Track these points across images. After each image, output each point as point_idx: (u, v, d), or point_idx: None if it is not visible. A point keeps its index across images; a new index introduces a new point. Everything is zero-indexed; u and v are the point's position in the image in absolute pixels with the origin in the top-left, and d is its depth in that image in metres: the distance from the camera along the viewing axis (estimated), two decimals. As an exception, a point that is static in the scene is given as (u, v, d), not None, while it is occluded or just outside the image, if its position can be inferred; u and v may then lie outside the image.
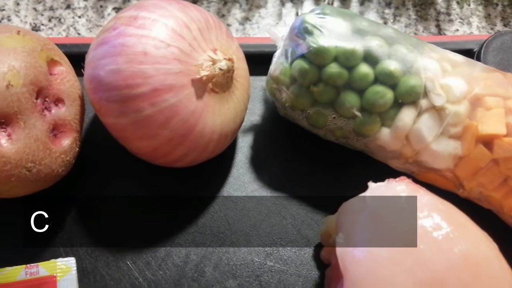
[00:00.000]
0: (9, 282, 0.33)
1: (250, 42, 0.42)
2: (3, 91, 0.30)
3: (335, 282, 0.32)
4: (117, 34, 0.31)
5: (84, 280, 0.34)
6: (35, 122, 0.31)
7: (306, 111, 0.35)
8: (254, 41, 0.42)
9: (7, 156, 0.30)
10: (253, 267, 0.35)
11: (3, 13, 0.44)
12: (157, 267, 0.35)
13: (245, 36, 0.45)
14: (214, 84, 0.32)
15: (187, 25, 0.32)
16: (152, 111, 0.31)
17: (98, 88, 0.31)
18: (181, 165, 0.34)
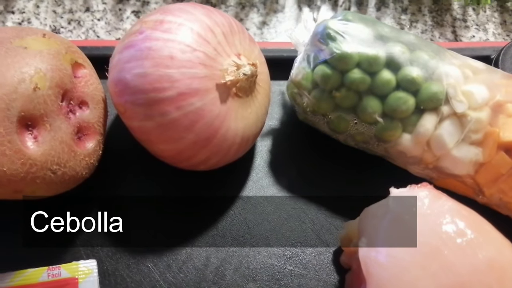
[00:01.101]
0: (32, 283, 0.33)
1: (268, 47, 0.42)
2: (30, 93, 0.30)
3: (356, 286, 0.32)
4: (143, 38, 0.31)
5: (105, 282, 0.34)
6: (61, 124, 0.31)
7: (328, 116, 0.35)
8: (272, 46, 0.42)
9: (33, 158, 0.30)
10: (273, 270, 0.35)
11: (23, 16, 0.44)
12: (177, 269, 0.35)
13: (262, 41, 0.45)
14: (238, 89, 0.33)
15: (212, 29, 0.32)
16: (178, 115, 0.31)
17: (124, 91, 0.31)
18: (204, 168, 0.34)
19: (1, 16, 0.44)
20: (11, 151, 0.29)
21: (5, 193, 0.31)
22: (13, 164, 0.29)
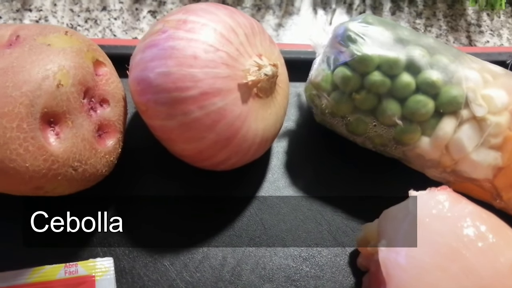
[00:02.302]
0: (49, 280, 0.33)
1: (284, 49, 0.42)
2: (54, 90, 0.30)
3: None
4: (166, 37, 0.31)
5: (122, 280, 0.34)
6: (82, 122, 0.32)
7: (346, 118, 0.36)
8: (288, 47, 0.42)
9: (55, 155, 0.30)
10: (289, 271, 0.35)
11: (41, 14, 0.45)
12: (194, 269, 0.35)
13: (278, 43, 0.45)
14: (259, 89, 0.33)
15: (234, 30, 0.33)
16: (200, 114, 0.31)
17: (147, 90, 0.31)
18: (223, 168, 0.34)
19: (19, 13, 0.44)
20: (34, 147, 0.29)
21: (27, 190, 0.31)
22: (35, 160, 0.30)
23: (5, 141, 0.29)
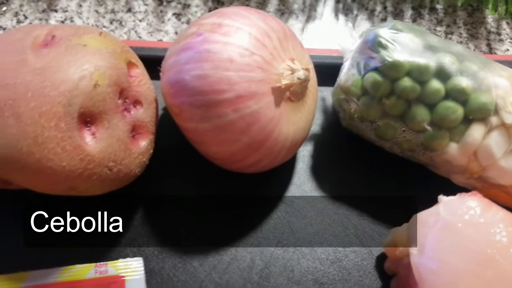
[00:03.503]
0: (79, 279, 0.33)
1: (309, 53, 0.42)
2: (91, 90, 0.30)
3: (404, 292, 0.33)
4: (202, 40, 0.32)
5: (152, 281, 0.34)
6: (118, 122, 0.32)
7: (375, 123, 0.36)
8: (313, 52, 0.43)
9: (92, 155, 0.30)
10: (317, 274, 0.35)
11: (66, 14, 0.45)
12: (223, 270, 0.35)
13: (302, 47, 0.46)
14: (291, 93, 0.33)
15: (268, 34, 0.33)
16: (235, 117, 0.31)
17: (181, 92, 0.32)
18: (253, 170, 0.35)
19: (45, 14, 0.45)
20: (71, 146, 0.30)
21: (61, 189, 0.31)
22: (72, 160, 0.30)
23: (43, 140, 0.29)
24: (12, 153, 0.29)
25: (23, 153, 0.29)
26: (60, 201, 0.34)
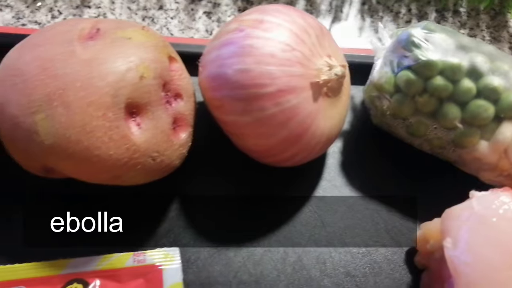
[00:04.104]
0: (118, 268, 0.34)
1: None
2: (137, 82, 0.31)
3: (437, 285, 0.33)
4: (244, 36, 0.33)
5: (188, 270, 0.35)
6: (161, 114, 0.33)
7: (407, 120, 0.37)
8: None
9: (138, 145, 0.31)
10: (348, 267, 0.36)
11: (99, 10, 0.46)
12: (257, 261, 0.36)
13: (329, 47, 0.47)
14: (328, 89, 0.34)
15: (307, 31, 0.34)
16: (275, 111, 0.32)
17: (223, 86, 0.33)
18: (289, 164, 0.35)
19: (78, 10, 0.46)
20: (118, 136, 0.30)
21: (106, 178, 0.32)
22: (119, 149, 0.30)
23: (91, 129, 0.30)
24: (61, 141, 0.30)
25: (71, 141, 0.30)
26: (94, 195, 0.35)
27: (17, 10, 0.45)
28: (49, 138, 0.30)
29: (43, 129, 0.30)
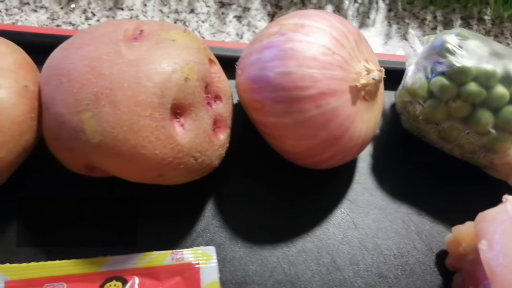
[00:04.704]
0: (157, 266, 0.34)
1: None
2: (182, 83, 0.32)
3: (470, 286, 0.34)
4: (286, 39, 0.33)
5: (225, 269, 0.36)
6: (203, 115, 0.33)
7: (440, 125, 0.37)
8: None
9: (182, 144, 0.32)
10: (381, 269, 0.37)
11: (132, 13, 0.46)
12: (291, 261, 0.36)
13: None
14: (366, 92, 0.35)
15: (346, 35, 0.34)
16: (316, 113, 0.33)
17: (265, 88, 0.33)
18: (325, 166, 0.36)
19: (111, 12, 0.46)
20: (164, 136, 0.31)
21: (150, 177, 0.32)
22: (164, 148, 0.31)
23: (139, 128, 0.30)
24: (108, 140, 0.31)
25: (118, 140, 0.30)
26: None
27: (52, 11, 0.46)
28: (95, 136, 0.31)
29: (90, 128, 0.31)
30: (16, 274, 0.33)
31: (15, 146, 0.32)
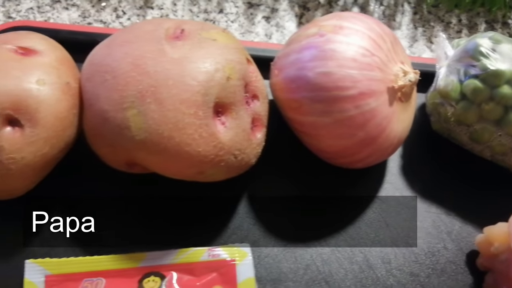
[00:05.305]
0: (194, 261, 0.35)
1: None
2: (225, 82, 0.32)
3: (504, 287, 0.35)
4: (325, 40, 0.34)
5: (260, 266, 0.36)
6: (243, 114, 0.34)
7: (472, 127, 0.38)
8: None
9: (223, 142, 0.32)
10: (412, 268, 0.37)
11: (162, 12, 0.47)
12: (325, 260, 0.37)
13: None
14: (402, 94, 0.35)
15: (383, 37, 0.35)
16: (355, 113, 0.33)
17: (303, 88, 0.34)
18: (359, 166, 0.37)
19: (142, 10, 0.47)
20: (207, 133, 0.32)
21: (191, 174, 0.33)
22: (207, 146, 0.32)
23: (183, 125, 0.31)
24: (153, 137, 0.31)
25: (163, 137, 0.31)
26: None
27: (83, 9, 0.46)
28: (141, 133, 0.31)
29: (135, 125, 0.31)
30: (56, 268, 0.34)
31: (58, 142, 0.33)
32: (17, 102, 0.31)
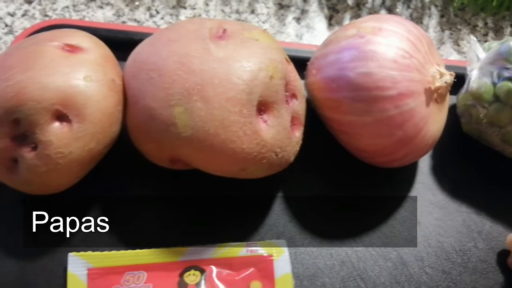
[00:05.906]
0: (232, 256, 0.36)
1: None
2: (268, 81, 0.33)
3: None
4: (366, 41, 0.35)
5: (296, 262, 0.37)
6: (284, 112, 0.34)
7: (504, 128, 0.39)
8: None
9: (265, 140, 0.33)
10: (444, 266, 0.38)
11: (194, 12, 0.48)
12: (359, 257, 0.37)
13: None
14: (438, 95, 0.36)
15: (421, 40, 0.36)
16: (395, 113, 0.34)
17: (344, 87, 0.34)
18: (396, 165, 0.37)
19: (175, 10, 0.47)
20: (251, 131, 0.32)
21: (233, 170, 0.34)
22: (250, 143, 0.32)
23: (229, 123, 0.32)
24: (199, 134, 0.32)
25: (210, 134, 0.32)
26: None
27: (117, 8, 0.47)
28: (187, 130, 0.32)
29: (182, 122, 0.32)
30: (98, 262, 0.35)
31: (104, 138, 0.33)
32: (66, 98, 0.32)
